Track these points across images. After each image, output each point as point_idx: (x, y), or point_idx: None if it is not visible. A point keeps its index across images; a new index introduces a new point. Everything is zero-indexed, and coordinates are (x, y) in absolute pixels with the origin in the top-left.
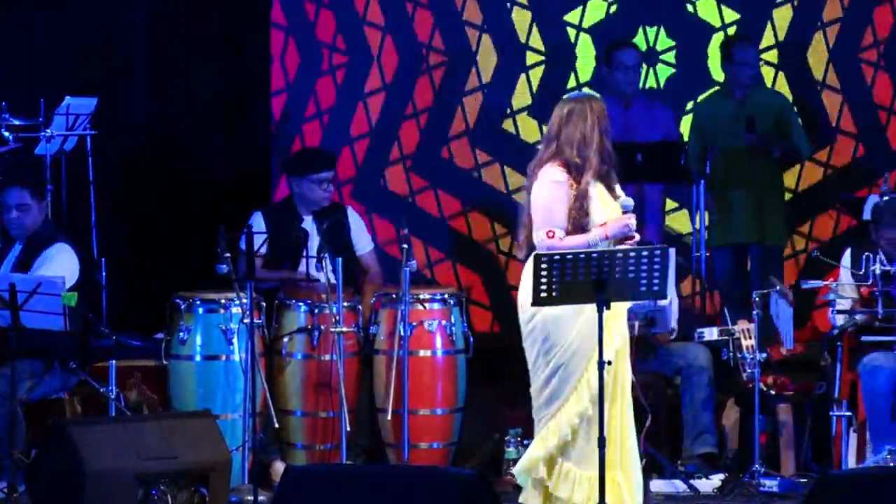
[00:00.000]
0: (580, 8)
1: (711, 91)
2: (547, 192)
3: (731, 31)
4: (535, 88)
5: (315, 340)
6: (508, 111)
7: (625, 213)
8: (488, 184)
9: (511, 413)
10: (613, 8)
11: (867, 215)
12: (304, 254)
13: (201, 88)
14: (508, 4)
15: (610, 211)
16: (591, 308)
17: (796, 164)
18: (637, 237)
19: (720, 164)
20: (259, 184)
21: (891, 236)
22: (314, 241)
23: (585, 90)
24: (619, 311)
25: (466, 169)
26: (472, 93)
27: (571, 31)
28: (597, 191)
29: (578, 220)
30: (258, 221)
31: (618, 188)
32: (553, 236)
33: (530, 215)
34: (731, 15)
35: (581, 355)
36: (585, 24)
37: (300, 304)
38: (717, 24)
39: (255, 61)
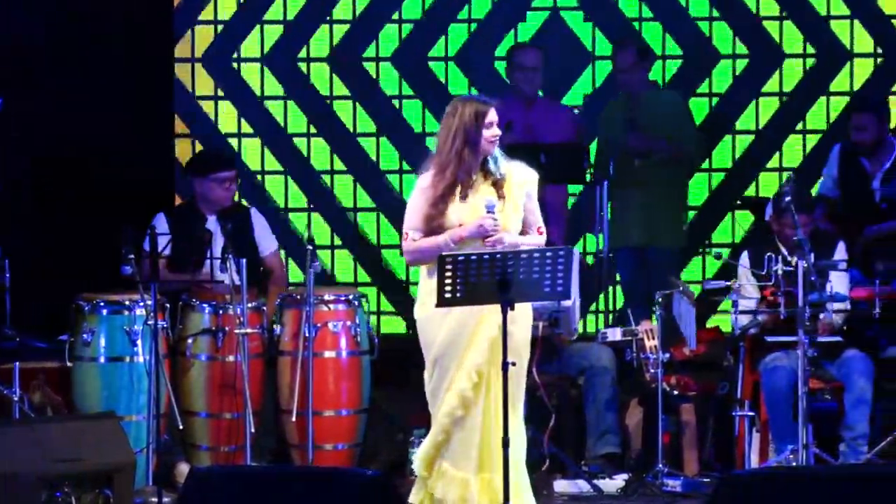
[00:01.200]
0: None
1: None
2: (412, 197)
3: None
4: None
5: (219, 342)
6: None
7: (488, 212)
8: None
9: (416, 413)
10: None
11: (769, 216)
12: (209, 255)
13: (104, 90)
14: None
15: (472, 212)
16: (458, 309)
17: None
18: (500, 236)
19: (616, 166)
20: (163, 184)
21: (801, 221)
22: (218, 242)
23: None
24: (491, 311)
25: None
26: None
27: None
28: (462, 193)
29: (433, 222)
30: (161, 222)
31: (484, 189)
32: (407, 238)
33: None
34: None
35: (450, 356)
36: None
37: (204, 305)
38: None
39: (157, 62)
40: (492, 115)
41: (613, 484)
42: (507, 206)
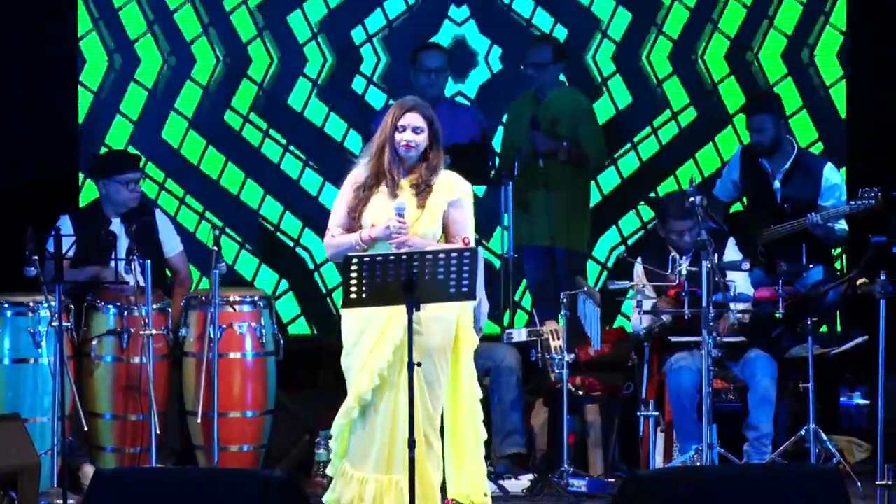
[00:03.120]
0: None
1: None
2: (340, 191)
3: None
4: None
5: (124, 343)
6: None
7: (398, 215)
8: None
9: (322, 415)
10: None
11: None
12: (113, 256)
13: (6, 90)
14: None
15: (386, 214)
16: (368, 309)
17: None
18: (405, 238)
19: (522, 165)
20: (67, 186)
21: (680, 228)
22: (122, 243)
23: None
24: (398, 313)
25: None
26: None
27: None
28: (382, 193)
29: (350, 216)
30: (66, 225)
31: (406, 194)
32: (328, 233)
33: None
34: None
35: (355, 355)
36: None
37: (109, 306)
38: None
39: (61, 62)
40: (406, 120)
41: (519, 484)
42: (424, 215)
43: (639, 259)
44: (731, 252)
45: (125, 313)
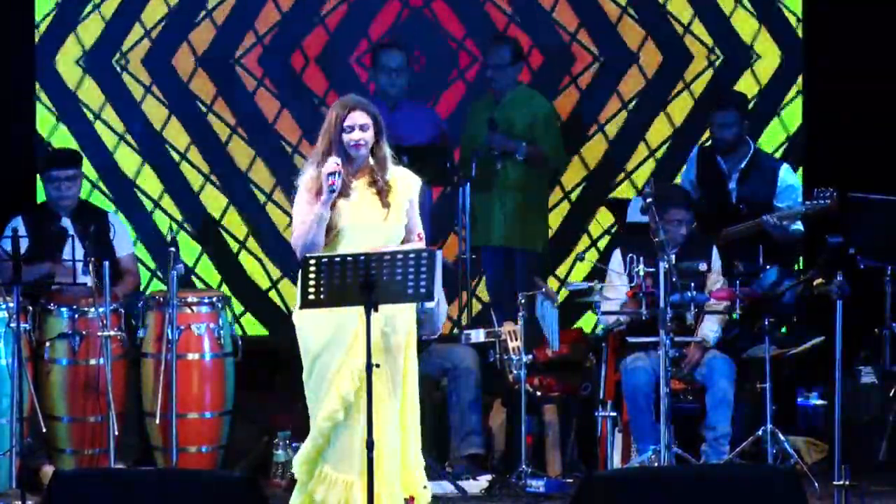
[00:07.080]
0: None
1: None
2: (297, 198)
3: None
4: None
5: (77, 346)
6: None
7: (330, 174)
8: None
9: (281, 415)
10: None
11: (632, 217)
12: (66, 254)
13: None
14: None
15: (355, 209)
16: (339, 309)
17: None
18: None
19: (480, 166)
20: (23, 186)
21: (679, 217)
22: (74, 241)
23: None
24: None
25: None
26: None
27: None
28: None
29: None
30: (19, 226)
31: (364, 192)
32: (293, 237)
33: None
34: None
35: (327, 357)
36: None
37: (63, 309)
38: None
39: (17, 62)
40: (351, 119)
41: (477, 485)
42: (391, 216)
43: (613, 259)
44: (716, 258)
45: (77, 316)
